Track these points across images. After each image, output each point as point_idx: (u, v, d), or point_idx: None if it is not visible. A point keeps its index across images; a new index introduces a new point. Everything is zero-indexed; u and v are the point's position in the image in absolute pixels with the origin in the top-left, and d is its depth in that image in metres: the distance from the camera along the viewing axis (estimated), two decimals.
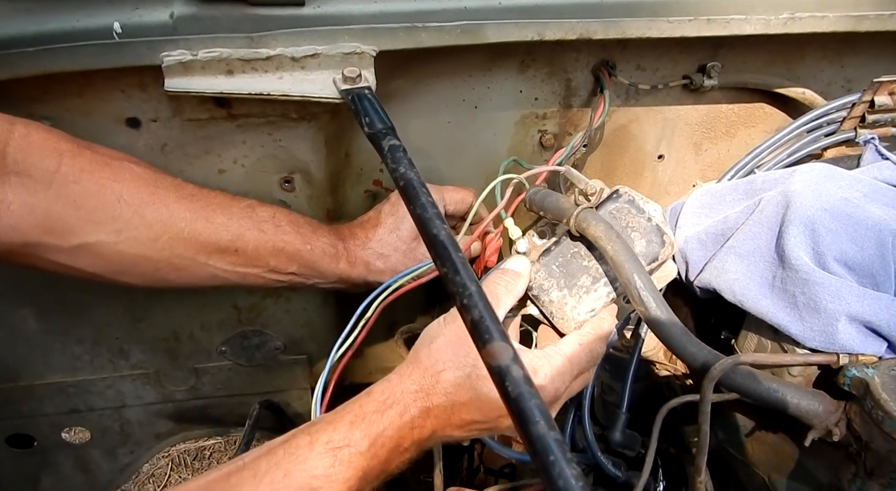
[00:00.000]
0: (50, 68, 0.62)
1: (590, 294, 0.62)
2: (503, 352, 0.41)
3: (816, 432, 0.51)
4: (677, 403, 0.59)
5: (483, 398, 0.55)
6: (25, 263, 0.62)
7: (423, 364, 0.56)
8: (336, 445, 0.51)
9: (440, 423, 0.56)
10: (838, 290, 0.51)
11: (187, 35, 0.62)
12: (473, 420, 0.57)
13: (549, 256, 0.64)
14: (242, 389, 1.02)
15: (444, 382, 0.55)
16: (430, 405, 0.55)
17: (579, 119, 0.88)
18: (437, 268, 0.48)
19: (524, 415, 0.38)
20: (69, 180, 0.59)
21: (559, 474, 0.35)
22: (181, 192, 0.66)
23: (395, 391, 0.55)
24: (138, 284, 0.67)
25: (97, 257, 0.63)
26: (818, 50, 0.85)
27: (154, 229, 0.63)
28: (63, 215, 0.59)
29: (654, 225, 0.61)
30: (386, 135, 0.59)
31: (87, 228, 0.61)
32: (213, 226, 0.66)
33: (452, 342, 0.56)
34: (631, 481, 0.71)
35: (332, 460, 0.50)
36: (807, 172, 0.60)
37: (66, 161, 0.59)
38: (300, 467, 0.50)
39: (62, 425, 1.00)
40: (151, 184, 0.64)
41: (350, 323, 0.69)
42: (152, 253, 0.64)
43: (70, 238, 0.60)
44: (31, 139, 0.58)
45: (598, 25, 0.70)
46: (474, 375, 0.55)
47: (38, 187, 0.58)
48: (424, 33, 0.67)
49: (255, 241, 0.68)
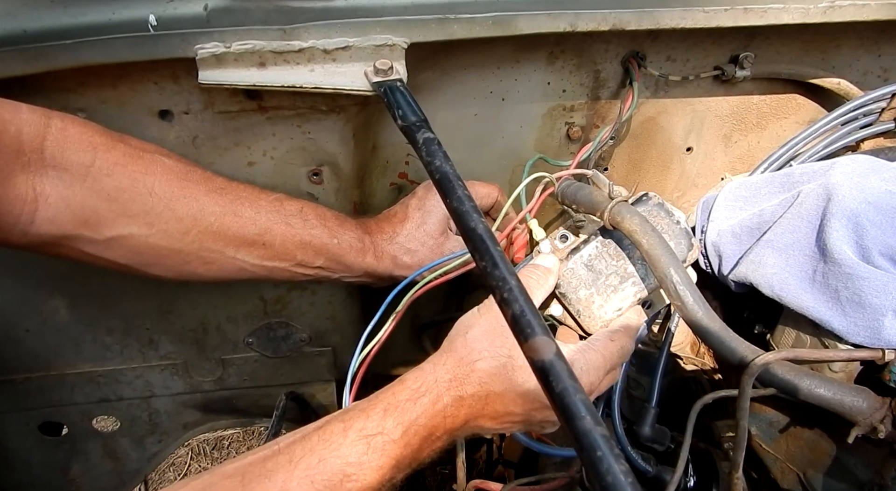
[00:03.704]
0: (86, 61, 0.62)
1: (617, 293, 0.62)
2: (546, 346, 0.41)
3: (860, 429, 0.50)
4: (713, 398, 0.59)
5: (518, 389, 0.55)
6: (60, 254, 0.63)
7: (459, 353, 0.56)
8: (369, 433, 0.51)
9: (473, 412, 0.56)
10: (884, 284, 0.50)
11: (221, 27, 0.62)
12: (507, 412, 0.56)
13: (577, 255, 0.63)
14: (268, 381, 1.03)
15: (478, 372, 0.55)
16: (463, 394, 0.55)
17: (607, 111, 0.87)
18: (476, 262, 0.48)
19: (569, 410, 0.38)
20: (103, 174, 0.60)
21: (608, 470, 0.35)
22: (210, 186, 0.66)
23: (429, 380, 0.55)
24: (167, 277, 0.68)
25: (129, 250, 0.63)
26: (855, 39, 0.83)
27: (184, 223, 0.64)
28: (97, 208, 0.60)
29: (683, 228, 0.62)
30: (420, 127, 0.59)
31: (119, 221, 0.61)
32: (242, 220, 0.67)
33: (488, 332, 0.56)
34: (661, 476, 0.71)
35: (365, 448, 0.51)
36: (848, 164, 0.59)
37: (100, 155, 0.60)
38: (334, 454, 0.50)
39: (92, 414, 1.02)
40: (182, 177, 0.65)
41: (377, 315, 0.69)
42: (182, 246, 0.65)
43: (104, 230, 0.61)
44: (68, 133, 0.59)
45: (631, 16, 0.69)
46: (510, 365, 0.55)
47: (74, 181, 0.59)
48: (456, 25, 0.66)
49: (282, 235, 0.69)
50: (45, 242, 0.60)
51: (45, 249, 0.62)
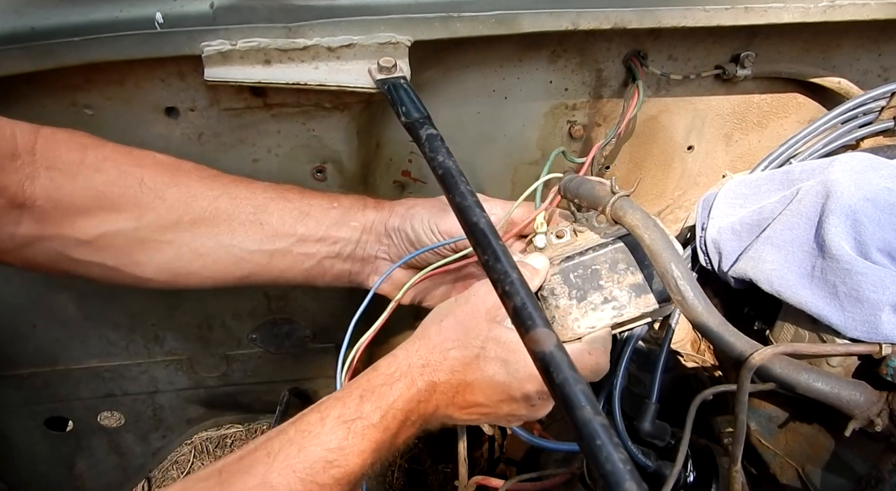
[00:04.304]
0: (93, 58, 0.63)
1: (596, 312, 0.62)
2: (547, 338, 0.42)
3: (857, 423, 0.51)
4: (713, 393, 0.59)
5: (489, 381, 0.55)
6: (45, 262, 0.61)
7: (432, 341, 0.56)
8: (347, 418, 0.51)
9: (444, 400, 0.56)
10: (882, 279, 0.51)
11: (226, 25, 0.63)
12: (476, 402, 0.57)
13: (570, 264, 0.63)
14: (271, 377, 1.04)
15: (451, 360, 0.55)
16: (436, 381, 0.55)
17: (609, 110, 0.88)
18: (478, 256, 0.49)
19: (570, 400, 0.38)
20: (92, 169, 0.59)
21: (607, 458, 0.36)
22: (202, 174, 0.65)
23: (402, 365, 0.55)
24: (160, 280, 0.65)
25: (117, 248, 0.62)
26: (856, 38, 0.83)
27: (176, 211, 0.62)
28: (85, 205, 0.59)
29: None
30: (423, 124, 0.60)
31: (108, 218, 0.60)
32: (236, 201, 0.64)
33: (463, 322, 0.56)
34: (661, 471, 0.71)
35: (345, 433, 0.50)
36: (847, 162, 0.59)
37: (89, 152, 0.60)
38: (314, 443, 0.50)
39: (97, 409, 1.03)
40: (173, 167, 0.63)
41: (365, 300, 0.67)
42: (173, 237, 0.62)
43: (90, 229, 0.60)
44: (58, 136, 0.59)
45: (632, 15, 0.70)
46: (482, 356, 0.55)
47: (65, 179, 0.58)
48: (459, 23, 0.67)
49: (279, 210, 0.66)
50: (29, 246, 0.59)
51: (30, 258, 0.60)
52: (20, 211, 0.57)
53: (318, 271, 0.69)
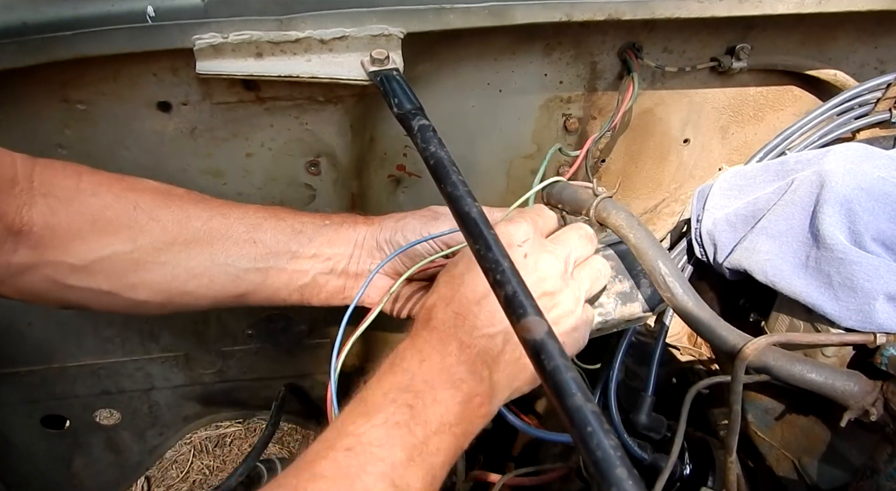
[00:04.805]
0: (85, 52, 0.63)
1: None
2: (538, 326, 0.41)
3: (852, 413, 0.50)
4: (707, 384, 0.59)
5: (474, 277, 0.54)
6: (39, 290, 0.61)
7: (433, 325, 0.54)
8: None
9: (456, 342, 0.52)
10: (876, 268, 0.50)
11: (218, 18, 0.63)
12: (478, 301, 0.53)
13: None
14: (268, 373, 1.04)
15: (437, 317, 0.54)
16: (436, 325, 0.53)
17: (604, 103, 0.87)
18: (470, 245, 0.49)
19: (561, 387, 0.38)
20: (88, 194, 0.60)
21: (598, 445, 0.35)
22: (195, 197, 0.66)
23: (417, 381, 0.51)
24: (155, 302, 0.65)
25: (112, 272, 0.62)
26: (852, 30, 0.83)
27: (170, 232, 0.62)
28: (80, 230, 0.60)
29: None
30: (415, 115, 0.59)
31: (103, 241, 0.60)
32: (230, 221, 0.65)
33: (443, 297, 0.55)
34: (657, 463, 0.71)
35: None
36: (842, 152, 0.59)
37: (85, 178, 0.61)
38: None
39: (94, 407, 1.03)
40: (166, 191, 0.64)
41: (357, 295, 0.65)
42: (168, 258, 0.63)
43: (86, 254, 0.60)
44: (55, 165, 0.60)
45: (626, 6, 0.70)
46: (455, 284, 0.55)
47: (60, 205, 0.59)
48: (452, 15, 0.67)
49: (273, 228, 0.67)
50: (24, 274, 0.59)
51: (26, 286, 0.60)
52: (17, 238, 0.57)
53: (313, 289, 0.69)
